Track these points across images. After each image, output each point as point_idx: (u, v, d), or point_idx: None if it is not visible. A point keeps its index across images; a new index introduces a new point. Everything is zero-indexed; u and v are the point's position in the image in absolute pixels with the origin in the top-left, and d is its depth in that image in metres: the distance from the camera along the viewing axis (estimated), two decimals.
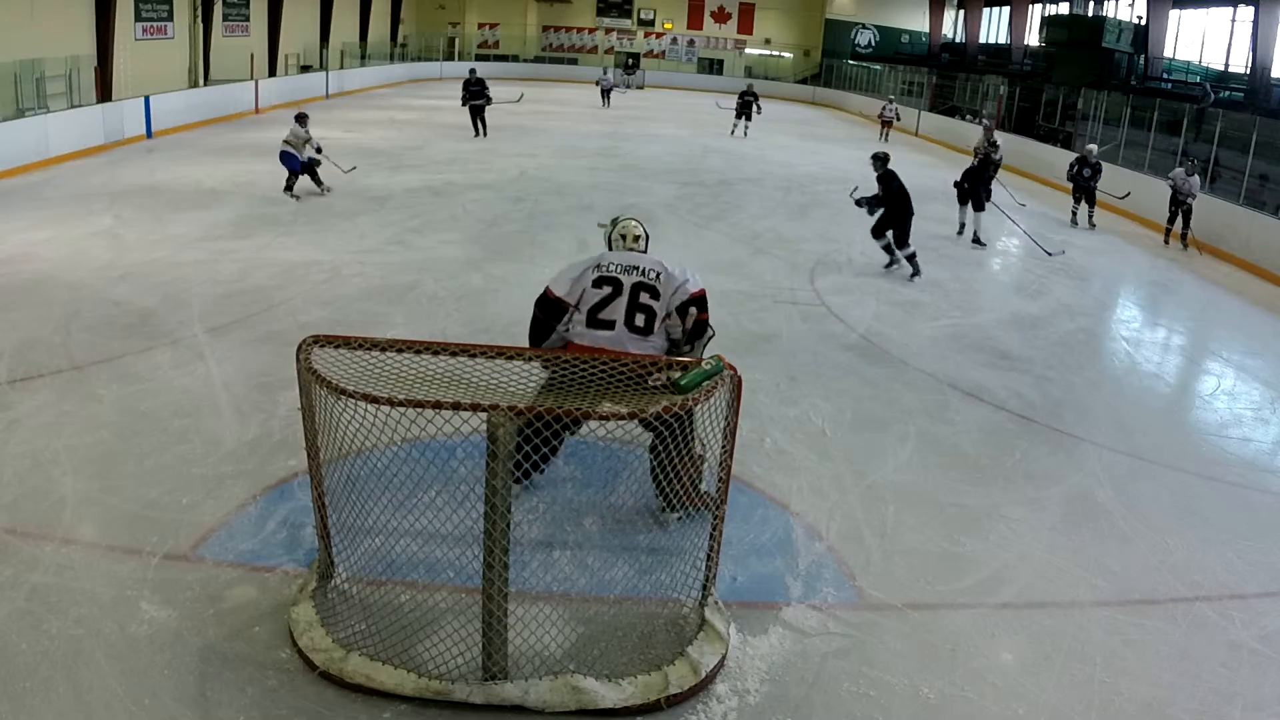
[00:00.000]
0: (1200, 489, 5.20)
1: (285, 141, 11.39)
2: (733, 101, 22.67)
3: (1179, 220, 12.18)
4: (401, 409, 2.93)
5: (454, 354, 3.37)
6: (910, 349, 7.16)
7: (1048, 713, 3.28)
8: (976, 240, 11.35)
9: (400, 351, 3.35)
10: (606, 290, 4.04)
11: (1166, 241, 12.49)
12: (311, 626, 3.34)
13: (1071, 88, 21.46)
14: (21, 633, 3.32)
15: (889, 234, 9.42)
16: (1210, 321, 9.33)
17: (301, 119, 11.57)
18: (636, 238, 4.35)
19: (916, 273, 9.34)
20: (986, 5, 33.66)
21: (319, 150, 11.64)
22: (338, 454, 3.33)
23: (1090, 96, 19.74)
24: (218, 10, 22.27)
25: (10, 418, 5.05)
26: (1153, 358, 7.99)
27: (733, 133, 21.75)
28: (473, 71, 18.86)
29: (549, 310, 4.09)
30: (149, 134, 16.07)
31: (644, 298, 4.03)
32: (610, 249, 4.35)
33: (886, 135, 23.57)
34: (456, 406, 3.00)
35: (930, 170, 18.48)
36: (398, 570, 3.56)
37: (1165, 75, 24.36)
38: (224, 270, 8.14)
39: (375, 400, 2.98)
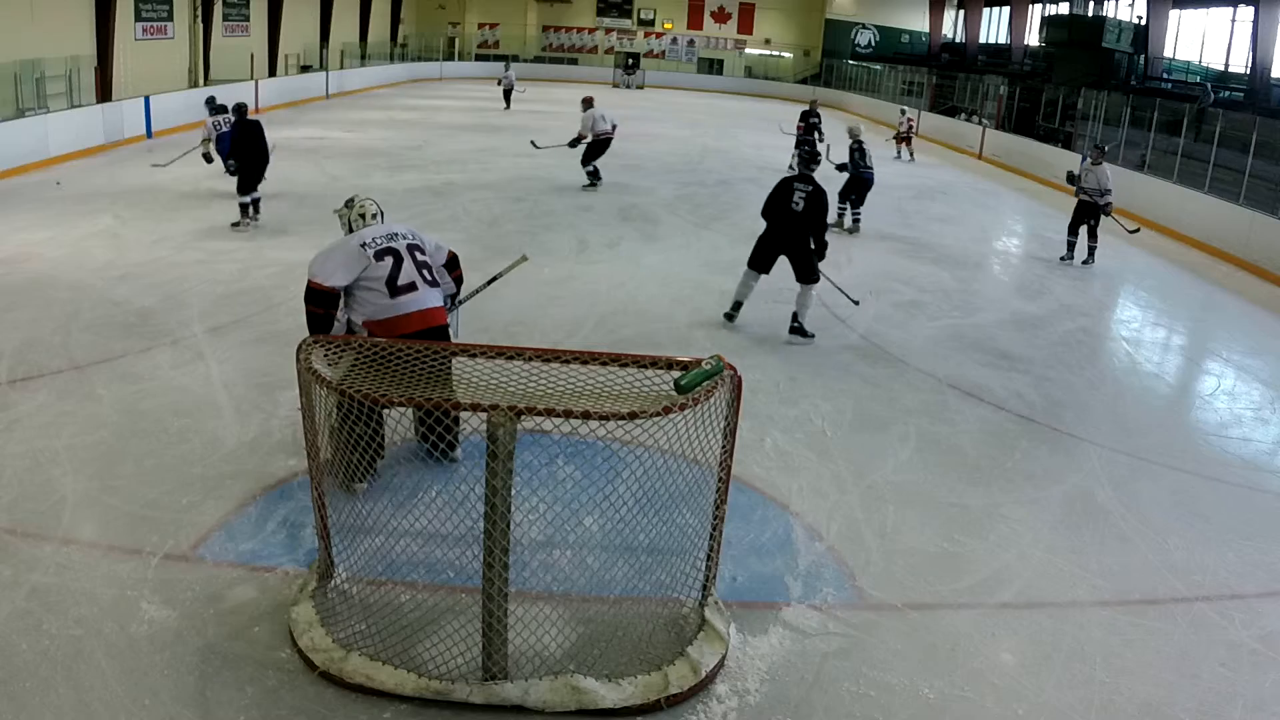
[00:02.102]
0: (1200, 489, 5.20)
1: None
2: (793, 126, 16.72)
3: (1102, 226, 10.15)
4: (401, 409, 2.94)
5: (454, 354, 3.38)
6: (910, 349, 7.16)
7: (1048, 713, 3.28)
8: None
9: (400, 351, 3.35)
10: (389, 260, 4.29)
11: (1068, 255, 10.50)
12: (311, 626, 3.33)
13: (1071, 88, 21.46)
14: (21, 633, 3.32)
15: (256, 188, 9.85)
16: (1210, 321, 9.34)
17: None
18: (375, 215, 4.61)
19: (244, 218, 9.72)
20: (986, 5, 33.68)
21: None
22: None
23: (1090, 96, 19.75)
24: (218, 10, 22.28)
25: (10, 418, 5.05)
26: (1153, 358, 7.99)
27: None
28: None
29: (326, 301, 4.22)
30: (149, 134, 16.06)
31: (419, 256, 4.43)
32: (352, 230, 4.55)
33: (909, 153, 19.07)
34: (457, 406, 3.01)
35: (930, 170, 18.50)
36: (398, 570, 3.57)
37: (1165, 75, 24.41)
38: (224, 270, 8.14)
39: (375, 400, 2.98)
